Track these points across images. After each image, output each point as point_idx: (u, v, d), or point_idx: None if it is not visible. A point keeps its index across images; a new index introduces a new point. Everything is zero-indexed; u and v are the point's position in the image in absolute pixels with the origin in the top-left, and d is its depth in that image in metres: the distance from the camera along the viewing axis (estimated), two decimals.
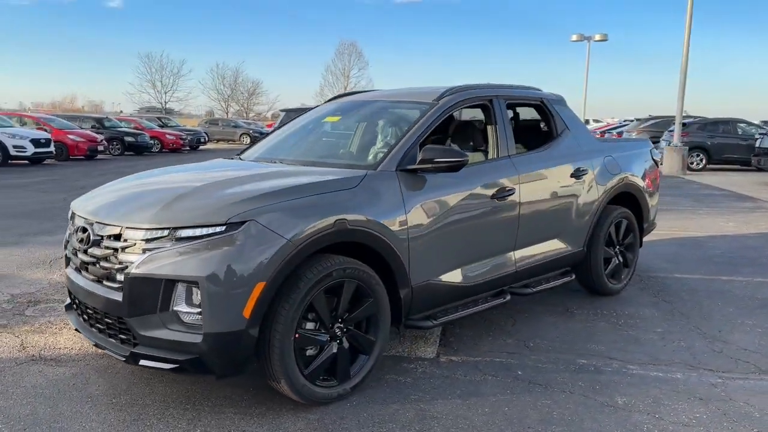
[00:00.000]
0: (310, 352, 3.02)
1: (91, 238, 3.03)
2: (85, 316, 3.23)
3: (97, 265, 2.99)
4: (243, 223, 2.76)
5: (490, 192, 3.82)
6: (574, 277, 4.68)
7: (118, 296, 2.85)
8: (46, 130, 19.53)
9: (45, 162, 18.42)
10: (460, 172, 3.68)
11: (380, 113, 4.29)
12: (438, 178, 3.57)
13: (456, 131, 4.47)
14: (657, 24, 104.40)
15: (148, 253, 2.78)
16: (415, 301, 3.45)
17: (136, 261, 2.79)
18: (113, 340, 3.01)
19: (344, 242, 3.08)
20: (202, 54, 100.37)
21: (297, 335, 2.89)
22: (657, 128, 21.84)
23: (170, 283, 2.74)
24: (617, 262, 5.03)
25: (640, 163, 5.25)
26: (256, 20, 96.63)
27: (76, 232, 3.20)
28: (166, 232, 2.79)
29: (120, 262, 2.88)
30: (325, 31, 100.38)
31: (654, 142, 6.96)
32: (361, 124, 4.36)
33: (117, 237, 2.93)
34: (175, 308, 2.77)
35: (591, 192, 4.63)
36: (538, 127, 4.89)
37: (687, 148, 17.88)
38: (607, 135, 23.40)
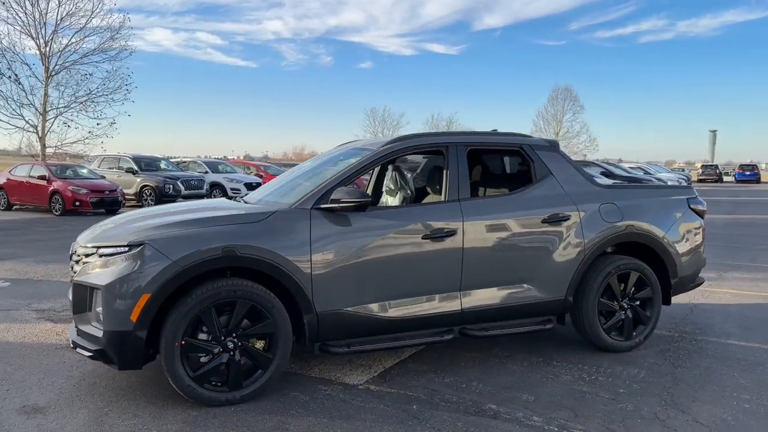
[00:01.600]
0: (203, 358, 3.56)
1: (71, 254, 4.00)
2: None
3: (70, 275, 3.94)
4: (140, 245, 3.46)
5: (423, 232, 4.00)
6: (550, 326, 4.49)
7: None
8: (261, 176, 23.16)
9: None
10: (395, 211, 3.99)
11: (339, 158, 4.71)
12: (366, 218, 3.91)
13: (427, 174, 4.69)
14: None
15: (83, 265, 3.63)
16: (324, 327, 3.79)
17: (77, 270, 3.66)
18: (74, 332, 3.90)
19: (246, 267, 3.60)
20: (420, 107, 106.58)
21: (183, 342, 3.47)
22: None
23: (92, 289, 3.54)
24: (624, 317, 4.66)
25: (662, 212, 4.82)
26: (473, 72, 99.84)
27: None
28: (94, 250, 3.60)
29: (74, 272, 3.77)
30: (540, 74, 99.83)
31: None
32: (321, 168, 4.81)
33: (73, 253, 3.84)
34: (96, 308, 3.55)
35: (573, 239, 4.44)
36: (525, 172, 4.83)
37: None
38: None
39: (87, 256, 3.67)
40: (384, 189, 5.26)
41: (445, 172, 4.32)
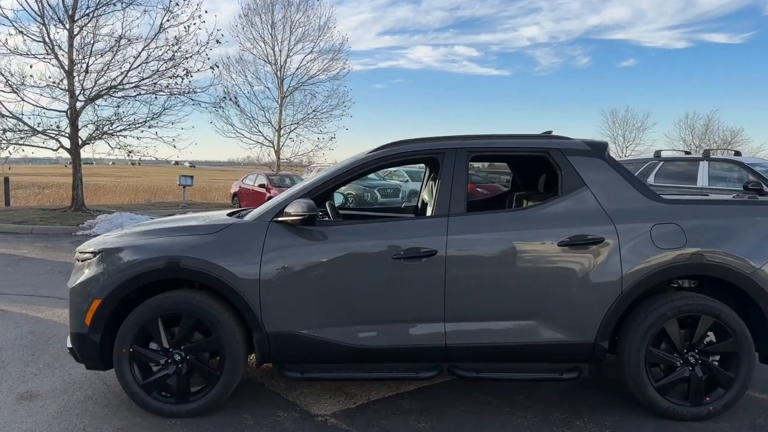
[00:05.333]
0: (155, 368, 3.59)
1: None
2: None
3: None
4: (99, 253, 3.62)
5: (394, 251, 3.50)
6: (571, 376, 3.56)
7: None
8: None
9: None
10: (363, 227, 3.62)
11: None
12: (333, 233, 3.59)
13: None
14: None
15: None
16: (276, 349, 3.55)
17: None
18: None
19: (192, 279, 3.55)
20: (683, 104, 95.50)
21: (131, 349, 3.53)
22: None
23: None
24: (690, 374, 3.52)
25: (756, 237, 3.53)
26: (733, 67, 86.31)
27: None
28: (79, 255, 3.87)
29: None
30: None
31: None
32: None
33: None
34: None
35: (605, 268, 3.48)
36: (553, 183, 3.92)
37: None
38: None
39: (77, 260, 3.97)
40: (419, 202, 4.77)
41: (436, 182, 3.74)
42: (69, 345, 3.72)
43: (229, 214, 4.05)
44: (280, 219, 3.58)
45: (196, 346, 3.56)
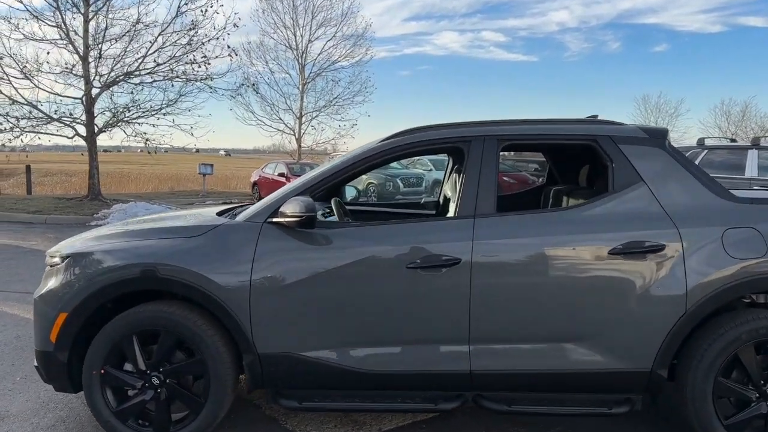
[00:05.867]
0: (131, 392, 3.08)
1: None
2: None
3: None
4: (67, 258, 3.11)
5: (409, 259, 2.93)
6: (623, 410, 2.96)
7: None
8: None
9: None
10: (373, 229, 3.07)
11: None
12: (337, 237, 3.03)
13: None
14: None
15: None
16: (270, 373, 3.02)
17: None
18: None
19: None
20: (719, 91, 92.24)
21: (103, 371, 3.03)
22: None
23: None
24: None
25: None
26: None
27: None
28: (48, 259, 3.37)
29: None
30: None
31: None
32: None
33: None
34: None
35: (666, 281, 2.87)
36: (601, 177, 3.30)
37: None
38: None
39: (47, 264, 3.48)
40: (441, 197, 4.18)
41: (461, 177, 3.14)
42: (35, 363, 3.24)
43: (220, 213, 3.51)
44: (274, 220, 3.03)
45: (177, 368, 3.04)
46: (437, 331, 2.97)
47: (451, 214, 3.21)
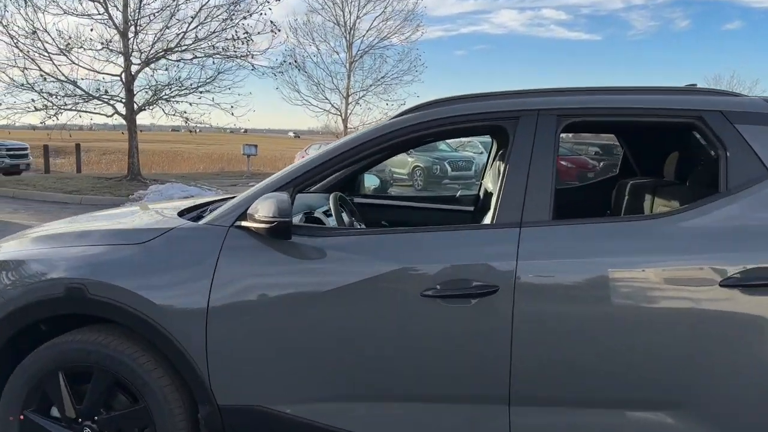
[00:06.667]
0: None
1: None
2: None
3: None
4: None
5: (423, 283, 2.07)
6: None
7: None
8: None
9: None
10: (377, 239, 2.25)
11: None
12: (326, 245, 2.20)
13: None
14: None
15: None
16: (235, 431, 2.23)
17: None
18: None
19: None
20: None
21: (21, 417, 2.31)
22: None
23: None
24: None
25: None
26: None
27: None
28: None
29: None
30: None
31: None
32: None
33: None
34: None
35: None
36: (707, 169, 2.33)
37: None
38: None
39: None
40: (481, 190, 3.27)
41: (504, 168, 2.24)
42: None
43: (185, 211, 2.71)
44: (243, 224, 2.22)
45: (115, 417, 2.30)
46: (464, 386, 2.11)
47: (488, 220, 2.32)
